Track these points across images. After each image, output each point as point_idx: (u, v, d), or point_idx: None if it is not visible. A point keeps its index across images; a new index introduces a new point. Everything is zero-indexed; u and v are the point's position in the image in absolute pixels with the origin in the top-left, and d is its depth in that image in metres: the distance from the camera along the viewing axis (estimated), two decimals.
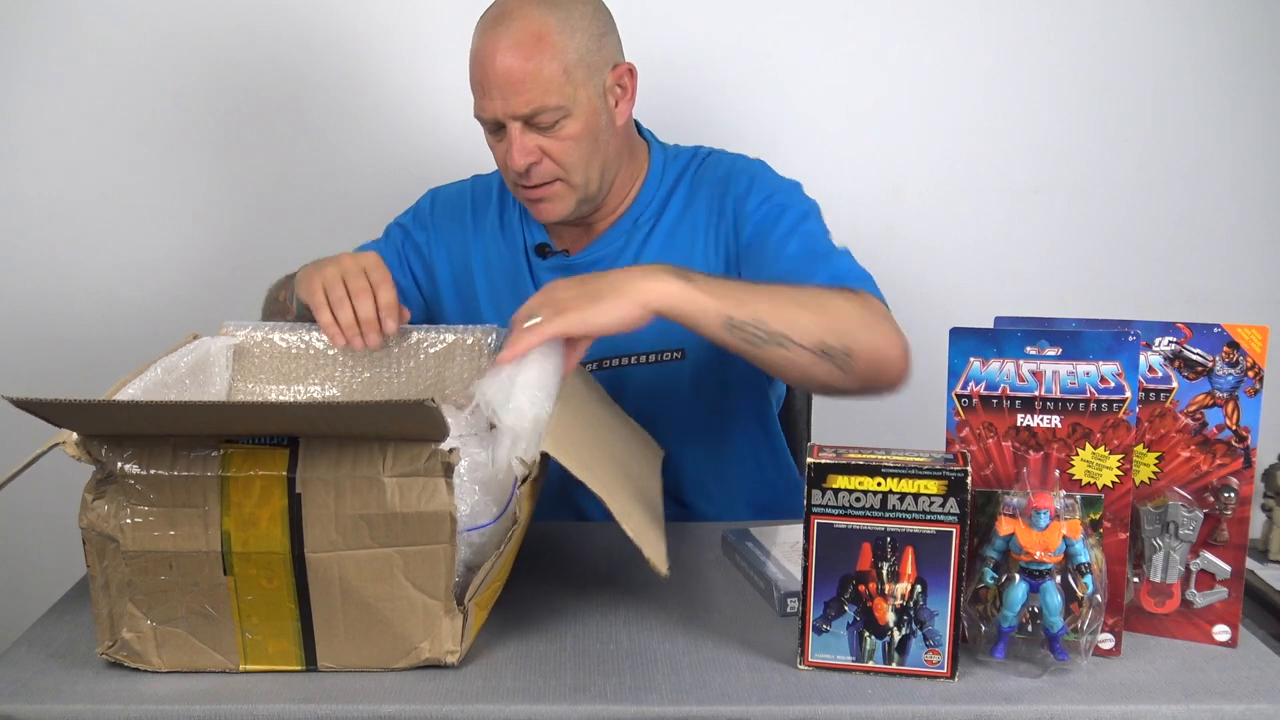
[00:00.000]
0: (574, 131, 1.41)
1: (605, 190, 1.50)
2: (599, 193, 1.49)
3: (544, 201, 1.46)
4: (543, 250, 1.56)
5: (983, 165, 2.06)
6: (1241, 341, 1.07)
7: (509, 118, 1.39)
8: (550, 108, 1.38)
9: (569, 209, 1.47)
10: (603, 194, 1.50)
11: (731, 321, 1.19)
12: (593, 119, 1.43)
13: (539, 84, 1.37)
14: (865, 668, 1.03)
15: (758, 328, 1.20)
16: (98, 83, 1.97)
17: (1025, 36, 2.02)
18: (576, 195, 1.46)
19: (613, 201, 1.54)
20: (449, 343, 1.40)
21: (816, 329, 1.21)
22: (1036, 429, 1.05)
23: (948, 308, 1.83)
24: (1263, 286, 2.09)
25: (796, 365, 1.22)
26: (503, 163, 1.45)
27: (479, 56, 1.40)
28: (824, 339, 1.22)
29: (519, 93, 1.37)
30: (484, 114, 1.42)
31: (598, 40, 1.43)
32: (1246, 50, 2.04)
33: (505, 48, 1.37)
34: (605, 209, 1.54)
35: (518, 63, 1.37)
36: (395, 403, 0.95)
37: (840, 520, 1.01)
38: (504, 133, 1.42)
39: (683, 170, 1.56)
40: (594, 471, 1.07)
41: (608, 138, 1.46)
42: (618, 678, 1.03)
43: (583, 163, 1.44)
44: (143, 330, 1.97)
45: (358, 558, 1.00)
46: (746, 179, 1.50)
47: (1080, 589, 1.02)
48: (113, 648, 1.03)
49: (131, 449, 0.99)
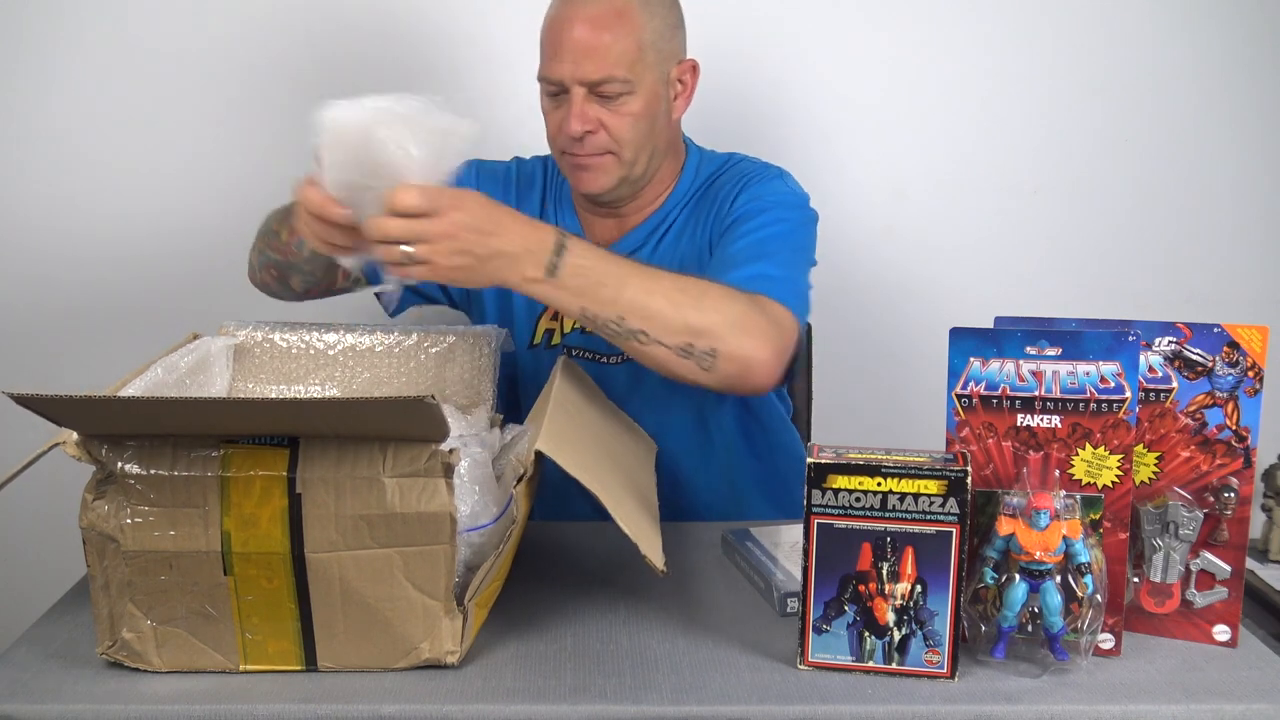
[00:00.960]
0: (635, 109, 1.45)
1: (648, 178, 1.54)
2: (643, 177, 1.52)
3: (589, 170, 1.48)
4: None
5: (983, 165, 2.06)
6: (1241, 341, 1.07)
7: (576, 82, 1.42)
8: (618, 79, 1.42)
9: (612, 183, 1.49)
10: (645, 181, 1.54)
11: (586, 313, 1.23)
12: (654, 102, 1.47)
13: (613, 55, 1.41)
14: (865, 668, 1.03)
15: (615, 323, 1.23)
16: (100, 80, 1.97)
17: (1025, 37, 2.02)
18: (622, 172, 1.49)
19: (649, 194, 1.57)
20: (449, 343, 1.40)
21: (681, 328, 1.24)
22: (1036, 429, 1.05)
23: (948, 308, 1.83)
24: (1263, 286, 2.09)
25: (655, 359, 1.26)
26: (557, 128, 1.47)
27: (557, 20, 1.44)
28: (688, 338, 1.24)
29: (592, 59, 1.41)
30: (551, 75, 1.44)
31: (671, 30, 1.49)
32: (1247, 50, 2.04)
33: (586, 17, 1.42)
34: (641, 200, 1.57)
35: (596, 31, 1.41)
36: (395, 400, 0.95)
37: (840, 520, 1.01)
38: (565, 98, 1.45)
39: (710, 176, 1.59)
40: (589, 469, 1.07)
41: (663, 125, 1.50)
42: (618, 678, 1.03)
43: (636, 142, 1.47)
44: (143, 330, 1.97)
45: (358, 558, 1.00)
46: (751, 179, 1.52)
47: (1080, 589, 1.02)
48: (113, 648, 1.03)
49: (131, 449, 0.99)
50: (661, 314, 1.23)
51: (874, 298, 2.06)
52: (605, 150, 1.47)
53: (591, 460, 1.13)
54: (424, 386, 1.39)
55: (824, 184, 1.80)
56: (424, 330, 1.41)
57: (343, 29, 1.98)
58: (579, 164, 1.48)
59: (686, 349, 1.24)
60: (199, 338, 1.32)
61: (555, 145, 1.51)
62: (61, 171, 2.00)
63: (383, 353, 1.39)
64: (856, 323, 2.08)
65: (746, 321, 1.27)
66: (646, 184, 1.55)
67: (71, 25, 1.95)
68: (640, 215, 1.58)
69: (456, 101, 1.17)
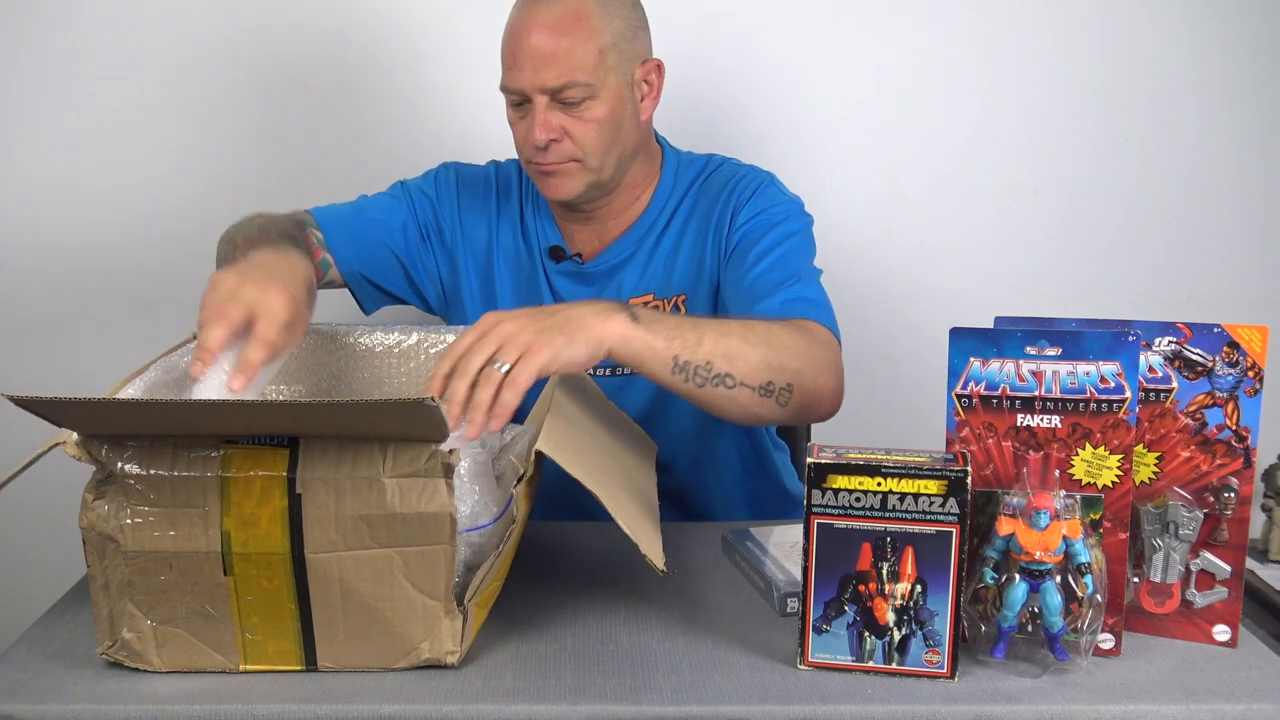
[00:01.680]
0: (598, 114, 1.43)
1: (617, 182, 1.52)
2: (611, 181, 1.50)
3: (555, 177, 1.47)
4: (556, 254, 1.57)
5: (983, 165, 2.06)
6: (1241, 341, 1.07)
7: (537, 91, 1.41)
8: (579, 84, 1.41)
9: (579, 189, 1.48)
10: (614, 185, 1.52)
11: (678, 362, 1.20)
12: (618, 106, 1.45)
13: (572, 60, 1.40)
14: (865, 668, 1.03)
15: (704, 368, 1.21)
16: (101, 81, 1.97)
17: (1025, 36, 2.02)
18: (589, 179, 1.47)
19: (624, 199, 1.55)
20: (449, 343, 1.40)
21: (762, 367, 1.23)
22: (1036, 429, 1.05)
23: (948, 308, 1.83)
24: (1263, 286, 2.09)
25: (737, 403, 1.23)
26: (522, 138, 1.46)
27: (515, 28, 1.43)
28: (769, 377, 1.24)
29: (551, 66, 1.40)
30: (512, 85, 1.43)
31: (633, 31, 1.46)
32: (1247, 50, 2.04)
33: (544, 23, 1.40)
34: (617, 206, 1.55)
35: (554, 38, 1.40)
36: (395, 401, 0.95)
37: (840, 520, 1.01)
38: (528, 107, 1.43)
39: (694, 179, 1.57)
40: (589, 470, 1.07)
41: (630, 129, 1.48)
42: (618, 678, 1.03)
43: (601, 148, 1.45)
44: (143, 330, 1.97)
45: (358, 558, 1.00)
46: (749, 190, 1.51)
47: (1080, 589, 1.02)
48: (113, 648, 1.03)
49: (131, 449, 0.99)
50: (743, 355, 1.22)
51: (874, 298, 2.06)
52: (570, 158, 1.45)
53: (591, 460, 1.13)
54: (424, 386, 1.39)
55: (824, 184, 1.80)
56: (424, 330, 1.41)
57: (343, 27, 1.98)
58: (544, 171, 1.47)
59: (767, 388, 1.23)
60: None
61: (522, 154, 1.49)
62: (61, 171, 2.00)
63: (383, 353, 1.39)
64: (856, 323, 2.05)
65: (811, 353, 1.28)
66: (618, 187, 1.53)
67: (71, 25, 1.95)
68: (620, 220, 1.56)
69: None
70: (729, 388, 1.23)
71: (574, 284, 1.56)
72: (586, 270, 1.56)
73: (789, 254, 1.44)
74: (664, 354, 1.19)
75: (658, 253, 1.54)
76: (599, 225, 1.56)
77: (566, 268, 1.56)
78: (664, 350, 1.19)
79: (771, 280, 1.40)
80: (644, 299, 1.53)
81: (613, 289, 1.55)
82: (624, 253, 1.55)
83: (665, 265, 1.53)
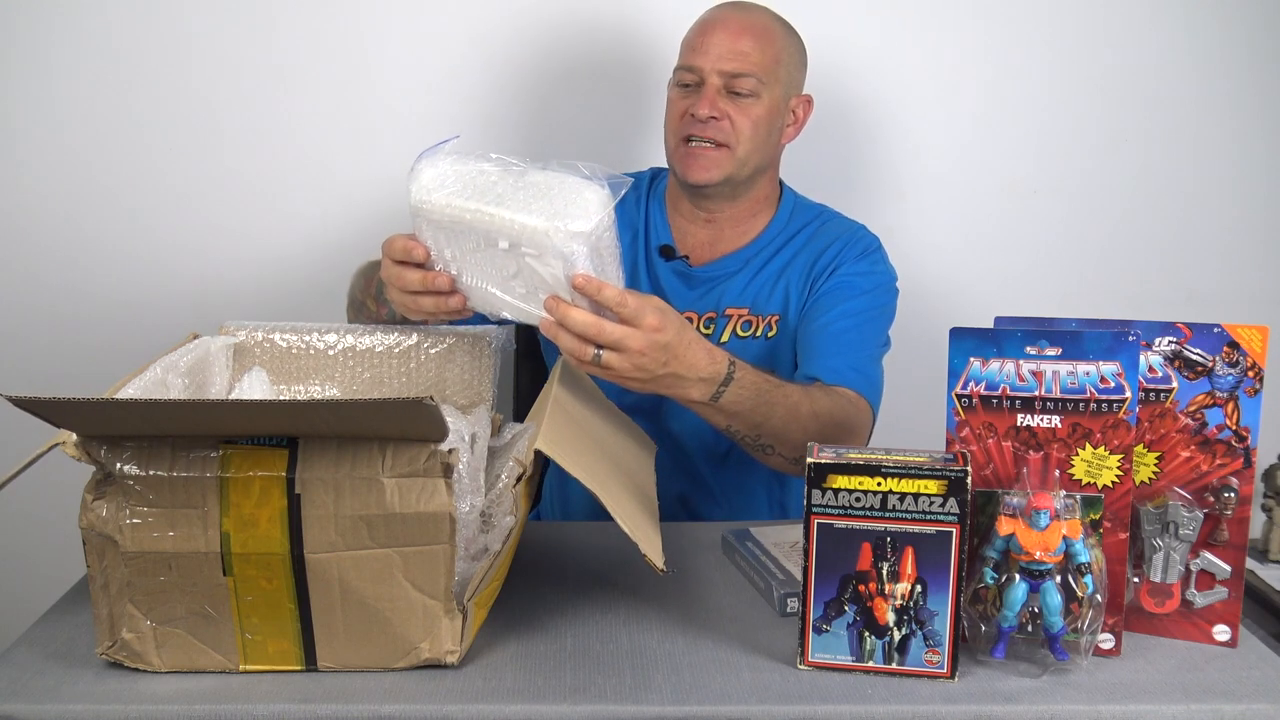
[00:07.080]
0: (758, 112, 1.56)
1: (747, 189, 1.62)
2: (747, 179, 1.60)
3: (702, 159, 1.57)
4: (667, 252, 1.64)
5: (982, 165, 2.06)
6: (1241, 341, 1.07)
7: (715, 73, 1.54)
8: (753, 76, 1.55)
9: (719, 177, 1.57)
10: (743, 191, 1.62)
11: (729, 428, 1.36)
12: (774, 114, 1.59)
13: (752, 57, 1.55)
14: (865, 668, 1.03)
15: (750, 437, 1.37)
16: (100, 81, 1.97)
17: (1025, 37, 2.02)
18: (730, 169, 1.57)
19: (745, 211, 1.65)
20: (449, 343, 1.40)
21: (802, 444, 1.34)
22: (1036, 429, 1.05)
23: (948, 308, 1.83)
24: (1263, 286, 2.09)
25: (772, 463, 1.42)
26: (684, 113, 1.57)
27: (708, 21, 1.58)
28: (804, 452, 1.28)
29: (734, 56, 1.54)
30: (692, 63, 1.56)
31: (799, 63, 1.64)
32: (1247, 50, 2.04)
33: (738, 23, 1.57)
34: (737, 215, 1.64)
35: (742, 35, 1.56)
36: (395, 401, 0.95)
37: (840, 520, 1.01)
38: (696, 90, 1.56)
39: (809, 220, 1.67)
40: (589, 469, 1.07)
41: (773, 142, 1.61)
42: (618, 678, 1.03)
43: (751, 142, 1.57)
44: (143, 330, 1.97)
45: (357, 558, 1.00)
46: (858, 249, 1.61)
47: (1080, 589, 1.02)
48: (113, 648, 1.03)
49: (131, 449, 0.99)
50: (791, 437, 1.37)
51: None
52: (723, 141, 1.55)
53: (591, 460, 1.13)
54: (424, 387, 1.39)
55: (823, 185, 1.80)
56: (424, 330, 1.41)
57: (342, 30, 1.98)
58: (696, 150, 1.56)
59: (800, 460, 1.28)
60: (199, 338, 1.32)
61: (676, 133, 1.58)
62: (60, 171, 2.00)
63: (383, 353, 1.39)
64: None
65: (849, 425, 1.42)
66: (745, 196, 1.63)
67: (71, 25, 1.95)
68: (736, 233, 1.65)
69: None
70: (766, 454, 1.40)
71: (679, 283, 1.64)
72: (695, 273, 1.64)
73: (868, 324, 1.55)
74: (717, 422, 1.34)
75: (763, 274, 1.62)
76: (715, 232, 1.65)
77: (676, 267, 1.65)
78: (719, 421, 1.34)
79: (843, 342, 1.52)
80: (741, 311, 1.62)
81: (714, 296, 1.63)
82: (733, 266, 1.63)
83: (768, 287, 1.61)
